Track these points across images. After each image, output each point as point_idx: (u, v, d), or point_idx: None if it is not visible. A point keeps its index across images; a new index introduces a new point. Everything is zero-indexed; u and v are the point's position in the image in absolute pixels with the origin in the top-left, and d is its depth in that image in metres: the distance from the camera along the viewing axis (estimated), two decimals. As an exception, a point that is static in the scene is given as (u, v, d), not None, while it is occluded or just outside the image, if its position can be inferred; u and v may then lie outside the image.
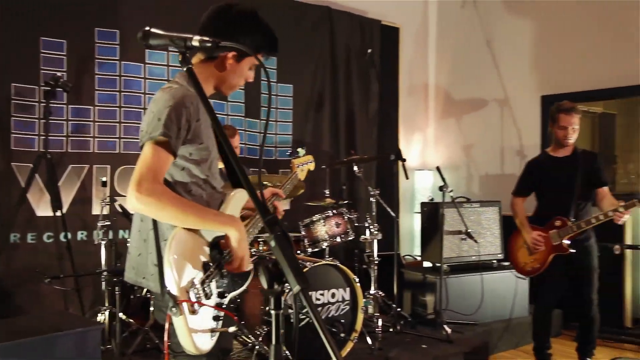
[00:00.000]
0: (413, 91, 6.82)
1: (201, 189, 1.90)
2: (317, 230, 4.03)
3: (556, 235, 3.75)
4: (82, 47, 4.43)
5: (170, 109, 1.75)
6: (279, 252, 1.12)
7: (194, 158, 1.85)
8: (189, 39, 1.47)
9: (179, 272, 1.67)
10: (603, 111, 6.03)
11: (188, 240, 1.75)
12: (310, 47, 5.71)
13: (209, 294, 1.77)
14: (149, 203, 1.66)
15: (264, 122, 5.44)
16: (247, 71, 1.97)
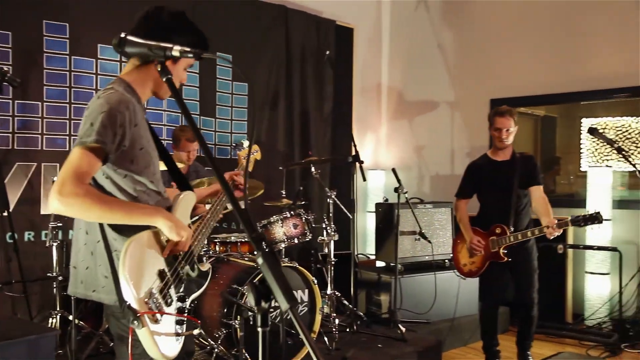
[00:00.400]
0: (366, 91, 6.89)
1: (146, 195, 1.89)
2: (274, 232, 4.01)
3: (495, 243, 3.88)
4: (30, 40, 4.26)
5: (104, 115, 1.74)
6: (267, 269, 1.11)
7: (135, 165, 1.85)
8: (169, 49, 1.46)
9: (136, 285, 1.68)
10: (545, 114, 6.27)
11: (141, 252, 1.75)
12: (265, 46, 5.68)
13: (170, 301, 1.78)
14: (71, 204, 1.67)
15: (219, 120, 5.39)
16: (182, 72, 1.98)
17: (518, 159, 3.93)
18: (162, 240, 1.84)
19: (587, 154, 5.63)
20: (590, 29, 5.43)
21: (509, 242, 3.82)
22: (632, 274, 5.00)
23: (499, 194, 3.92)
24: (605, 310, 5.17)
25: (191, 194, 2.05)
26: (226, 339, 3.32)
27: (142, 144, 1.86)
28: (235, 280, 3.44)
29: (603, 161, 5.46)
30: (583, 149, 5.61)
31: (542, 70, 5.74)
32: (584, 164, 5.61)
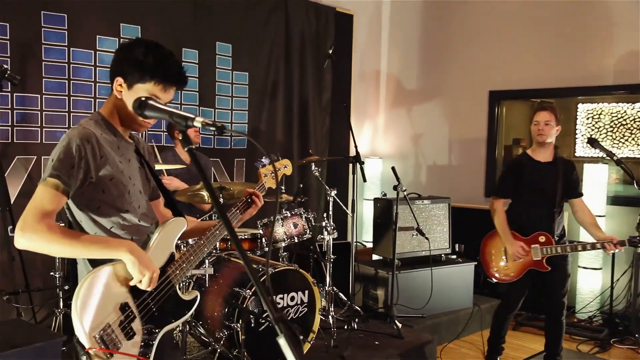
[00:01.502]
0: (365, 79, 6.86)
1: (124, 225, 1.91)
2: (275, 231, 4.05)
3: (539, 252, 3.70)
4: (27, 31, 4.19)
5: (62, 149, 1.78)
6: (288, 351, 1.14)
7: (108, 194, 1.87)
8: (191, 119, 1.44)
9: (87, 319, 1.69)
10: (541, 100, 6.28)
11: (101, 286, 1.76)
12: (265, 34, 5.62)
13: (130, 334, 1.79)
14: (32, 239, 1.70)
15: (219, 110, 5.36)
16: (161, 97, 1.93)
17: (560, 164, 3.77)
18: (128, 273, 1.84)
19: (582, 139, 5.67)
20: (591, 24, 5.41)
21: (555, 253, 3.67)
22: (624, 270, 5.10)
23: (541, 199, 3.73)
24: (597, 304, 5.28)
25: (179, 221, 2.04)
26: (228, 340, 3.37)
27: (112, 174, 1.86)
28: (237, 282, 3.48)
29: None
30: (578, 134, 5.63)
31: (542, 64, 5.73)
32: (578, 149, 5.65)
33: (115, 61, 1.92)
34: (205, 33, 5.13)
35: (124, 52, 1.91)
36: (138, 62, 1.86)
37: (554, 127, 3.69)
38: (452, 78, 6.44)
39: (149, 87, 1.87)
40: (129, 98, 1.88)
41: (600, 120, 5.54)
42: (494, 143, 6.14)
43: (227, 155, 5.43)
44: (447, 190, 5.93)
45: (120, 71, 1.88)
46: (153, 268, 1.83)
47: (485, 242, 3.98)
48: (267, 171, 2.58)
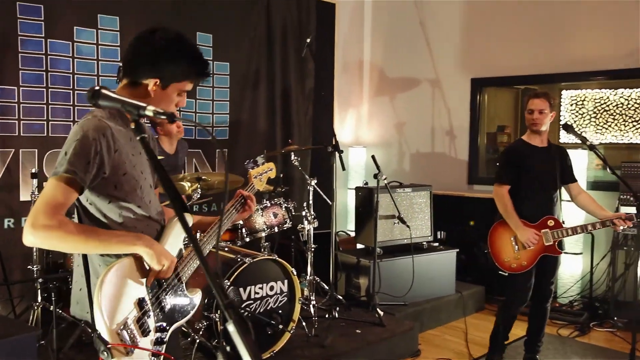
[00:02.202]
0: (348, 68, 6.85)
1: (135, 220, 1.86)
2: (255, 221, 4.06)
3: (550, 236, 3.65)
4: (3, 22, 4.14)
5: (77, 142, 1.71)
6: (237, 337, 1.15)
7: (119, 190, 1.81)
8: (142, 108, 1.43)
9: (110, 314, 1.67)
10: (525, 87, 6.31)
11: (121, 280, 1.73)
12: (246, 24, 5.59)
13: (147, 331, 1.77)
14: (46, 237, 1.64)
15: (200, 101, 5.34)
16: (176, 97, 1.91)
17: (555, 149, 3.77)
18: (145, 266, 1.81)
19: None
20: (572, 11, 5.43)
21: (566, 235, 3.66)
22: (603, 254, 5.16)
23: (542, 183, 3.71)
24: (577, 289, 5.34)
25: (187, 216, 1.98)
26: (207, 330, 3.39)
27: (125, 169, 1.81)
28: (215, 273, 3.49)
29: (581, 133, 5.53)
30: (562, 120, 5.66)
31: (524, 51, 5.75)
32: (562, 135, 5.68)
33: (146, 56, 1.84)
34: (185, 23, 5.09)
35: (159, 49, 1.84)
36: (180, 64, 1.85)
37: (548, 115, 3.65)
38: (435, 66, 6.44)
39: (183, 85, 1.88)
40: (159, 97, 1.86)
41: (584, 106, 5.57)
42: (476, 130, 6.17)
43: (208, 147, 5.42)
44: (431, 178, 5.96)
45: (158, 72, 1.83)
46: (171, 257, 1.83)
47: (492, 234, 3.80)
48: (257, 173, 2.56)
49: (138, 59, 1.85)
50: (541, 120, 3.65)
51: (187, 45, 1.89)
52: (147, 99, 1.84)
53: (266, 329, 3.57)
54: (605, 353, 4.32)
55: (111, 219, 1.82)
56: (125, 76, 1.89)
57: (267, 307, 3.60)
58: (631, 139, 5.28)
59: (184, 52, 1.87)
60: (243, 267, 3.42)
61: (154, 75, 1.83)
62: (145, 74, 1.84)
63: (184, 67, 1.86)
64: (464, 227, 5.65)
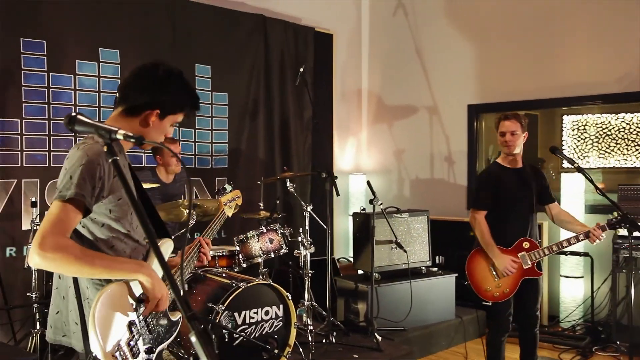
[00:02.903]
0: (347, 96, 6.96)
1: (124, 244, 1.92)
2: (251, 246, 4.11)
3: (527, 258, 3.61)
4: (7, 57, 4.29)
5: (83, 167, 1.76)
6: (200, 347, 1.19)
7: (114, 214, 1.87)
8: (114, 132, 1.51)
9: (104, 337, 1.71)
10: (525, 112, 6.36)
11: (113, 303, 1.77)
12: (244, 55, 5.73)
13: (136, 353, 1.81)
14: (52, 259, 1.67)
15: (199, 130, 5.45)
16: (168, 127, 2.02)
17: (529, 170, 3.75)
18: (134, 292, 1.86)
19: (568, 151, 5.73)
20: (569, 36, 5.52)
21: (543, 255, 3.61)
22: (604, 278, 5.13)
23: (518, 205, 3.67)
24: (579, 312, 5.31)
25: (169, 243, 2.08)
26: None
27: (120, 194, 1.87)
28: (211, 297, 3.53)
29: (584, 157, 5.57)
30: (565, 146, 5.69)
31: (519, 76, 5.83)
32: (565, 161, 5.67)
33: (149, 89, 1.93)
34: (184, 55, 5.23)
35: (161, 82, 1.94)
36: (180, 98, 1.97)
37: (520, 136, 3.63)
38: (432, 93, 6.54)
39: (177, 117, 2.00)
40: (157, 127, 1.96)
41: (585, 131, 5.62)
42: (474, 156, 6.22)
43: (209, 175, 5.50)
44: (430, 203, 6.00)
45: (159, 104, 1.93)
46: (166, 290, 1.88)
47: (469, 263, 3.74)
48: (226, 200, 2.75)
49: (140, 89, 1.93)
50: (514, 142, 3.61)
51: (185, 80, 2.01)
52: (146, 129, 1.94)
53: (262, 354, 3.58)
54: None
55: (102, 240, 1.87)
56: (123, 104, 1.95)
57: (262, 332, 3.62)
58: (634, 163, 5.29)
59: (183, 86, 1.99)
60: (238, 291, 3.46)
61: (154, 106, 1.92)
62: (146, 104, 1.92)
63: (181, 100, 1.98)
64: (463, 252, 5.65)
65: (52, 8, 4.43)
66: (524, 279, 3.66)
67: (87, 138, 1.89)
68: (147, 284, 1.83)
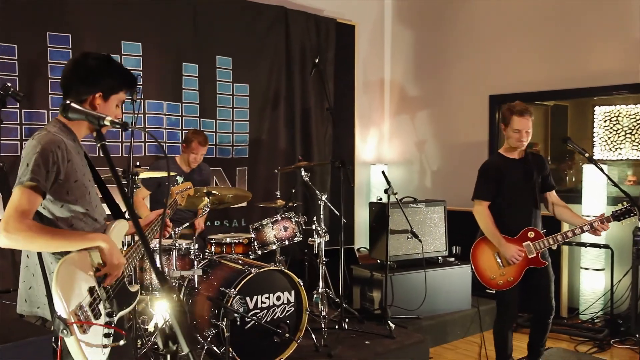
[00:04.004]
0: (369, 87, 6.99)
1: (83, 223, 2.10)
2: (266, 234, 4.20)
3: (532, 247, 3.61)
4: (34, 51, 4.46)
5: (37, 155, 1.95)
6: (173, 318, 1.27)
7: (71, 195, 2.06)
8: (102, 119, 1.64)
9: (66, 298, 1.89)
10: (555, 103, 6.29)
11: (73, 270, 1.96)
12: (266, 47, 5.81)
13: (98, 314, 1.99)
14: (16, 239, 1.90)
15: (220, 121, 5.56)
16: (115, 109, 2.20)
17: (531, 158, 3.72)
18: (93, 260, 2.05)
19: (600, 143, 5.64)
20: (590, 25, 5.43)
21: (548, 245, 3.59)
22: (625, 271, 5.06)
23: (521, 195, 3.68)
24: (599, 305, 5.25)
25: (124, 223, 2.28)
26: (215, 338, 3.52)
27: (76, 177, 2.07)
28: (224, 282, 3.64)
29: (616, 149, 5.49)
30: (596, 137, 5.60)
31: (541, 67, 5.77)
32: (596, 152, 5.61)
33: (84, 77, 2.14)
34: (205, 47, 5.35)
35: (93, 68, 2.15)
36: (115, 78, 2.18)
37: (530, 133, 3.64)
38: (454, 84, 6.51)
39: (120, 96, 2.21)
40: (103, 109, 2.14)
41: (618, 122, 5.52)
42: (495, 147, 6.17)
43: (229, 165, 5.62)
44: (451, 194, 6.00)
45: (99, 86, 2.14)
46: (123, 259, 2.09)
47: (474, 251, 3.79)
48: (178, 189, 2.96)
49: (80, 79, 2.14)
50: (526, 139, 3.62)
51: (116, 62, 2.25)
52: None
53: (273, 338, 3.67)
54: (623, 369, 4.24)
55: (62, 219, 2.06)
56: (68, 97, 2.13)
57: (274, 317, 3.71)
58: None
59: (115, 68, 2.22)
60: (249, 276, 3.55)
61: (94, 90, 2.13)
62: (85, 91, 2.13)
63: (118, 80, 2.18)
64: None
65: (77, 3, 4.60)
66: (533, 270, 3.67)
67: (41, 130, 2.09)
68: (105, 250, 2.03)
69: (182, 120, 5.27)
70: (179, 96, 5.24)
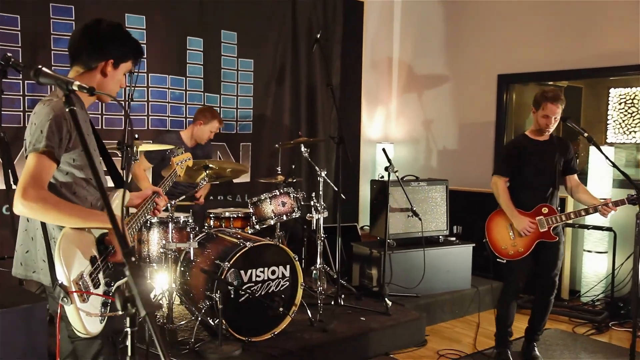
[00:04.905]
0: (377, 65, 6.92)
1: (85, 191, 2.11)
2: (264, 209, 4.22)
3: (544, 222, 3.76)
4: (37, 22, 4.46)
5: (51, 121, 1.94)
6: (131, 280, 1.28)
7: (76, 163, 2.06)
8: (70, 83, 1.64)
9: (68, 267, 1.90)
10: (569, 85, 6.19)
11: (75, 239, 1.97)
12: (271, 22, 5.77)
13: (97, 284, 2.01)
14: (34, 208, 1.86)
15: (224, 96, 5.56)
16: (121, 77, 2.21)
17: (556, 142, 3.85)
18: (94, 232, 2.07)
19: (614, 126, 5.56)
20: (600, 5, 5.31)
21: (560, 221, 3.75)
22: (628, 254, 5.02)
23: (541, 174, 3.82)
24: (601, 288, 5.22)
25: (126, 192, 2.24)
26: (209, 310, 3.56)
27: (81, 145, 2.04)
28: (219, 255, 3.66)
29: (630, 133, 5.40)
30: (610, 120, 5.52)
31: (553, 45, 5.66)
32: (610, 136, 5.54)
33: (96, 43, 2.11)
34: (210, 21, 5.33)
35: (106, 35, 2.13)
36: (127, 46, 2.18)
37: (558, 119, 3.73)
38: (462, 63, 6.43)
39: (128, 65, 2.21)
40: (112, 76, 2.15)
41: (633, 105, 5.42)
42: (502, 127, 6.11)
43: (233, 140, 5.63)
44: (457, 174, 5.97)
45: (111, 53, 2.13)
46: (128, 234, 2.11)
47: (489, 222, 3.94)
48: (178, 160, 2.98)
49: (91, 45, 2.11)
50: (554, 124, 3.74)
51: (127, 31, 2.22)
52: (105, 79, 2.14)
53: (267, 311, 3.71)
54: (619, 351, 4.21)
55: (66, 185, 2.06)
56: (78, 63, 2.13)
57: (268, 291, 3.73)
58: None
59: (127, 36, 2.19)
60: (243, 250, 3.57)
61: (106, 57, 2.11)
62: (96, 58, 2.11)
63: (129, 48, 2.17)
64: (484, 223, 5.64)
65: (80, -26, 4.59)
66: (544, 246, 3.79)
67: (52, 95, 2.08)
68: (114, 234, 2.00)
69: (186, 95, 5.28)
70: (183, 70, 5.24)
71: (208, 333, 3.73)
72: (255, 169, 5.70)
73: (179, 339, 3.67)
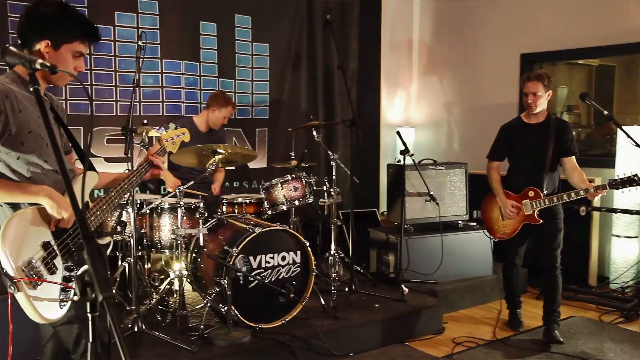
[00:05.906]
0: (396, 47, 6.76)
1: (43, 175, 2.06)
2: (275, 194, 4.15)
3: (529, 206, 3.89)
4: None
5: None
6: (90, 264, 1.22)
7: (27, 147, 2.01)
8: (34, 62, 1.59)
9: (13, 254, 1.85)
10: (600, 64, 5.95)
11: (24, 225, 1.93)
12: (286, 5, 5.68)
13: (53, 269, 1.96)
14: None
15: (239, 81, 5.50)
16: (73, 60, 2.11)
17: (553, 123, 3.88)
18: (49, 215, 2.02)
19: None
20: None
21: (544, 205, 3.83)
22: (659, 238, 4.81)
23: (531, 157, 3.90)
24: (631, 274, 5.01)
25: (92, 174, 2.26)
26: (219, 296, 3.52)
27: (30, 127, 2.01)
28: (228, 241, 3.61)
29: None
30: None
31: (578, 22, 5.43)
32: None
33: (34, 24, 2.06)
34: (224, 5, 5.26)
35: (44, 16, 2.06)
36: (67, 26, 2.08)
37: (543, 96, 3.81)
38: (484, 42, 6.22)
39: (74, 46, 2.10)
40: (54, 58, 2.06)
41: None
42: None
43: (249, 126, 5.57)
44: (478, 157, 5.77)
45: (47, 34, 2.05)
46: (69, 209, 2.01)
47: (484, 205, 4.21)
48: (168, 137, 2.89)
49: (27, 27, 2.07)
50: (535, 102, 3.83)
51: (71, 10, 2.12)
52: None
53: (278, 298, 3.64)
54: (648, 340, 4.03)
55: (19, 173, 2.02)
56: (25, 46, 2.08)
57: (278, 277, 3.67)
58: None
59: (70, 16, 2.10)
60: (251, 236, 3.51)
61: (42, 38, 2.04)
62: (35, 39, 2.05)
63: (71, 29, 2.08)
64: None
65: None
66: (537, 227, 3.92)
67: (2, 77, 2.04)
68: (47, 205, 1.97)
69: (201, 80, 5.23)
70: (197, 55, 5.19)
71: (218, 319, 3.69)
72: (272, 155, 5.64)
73: (190, 325, 3.64)
